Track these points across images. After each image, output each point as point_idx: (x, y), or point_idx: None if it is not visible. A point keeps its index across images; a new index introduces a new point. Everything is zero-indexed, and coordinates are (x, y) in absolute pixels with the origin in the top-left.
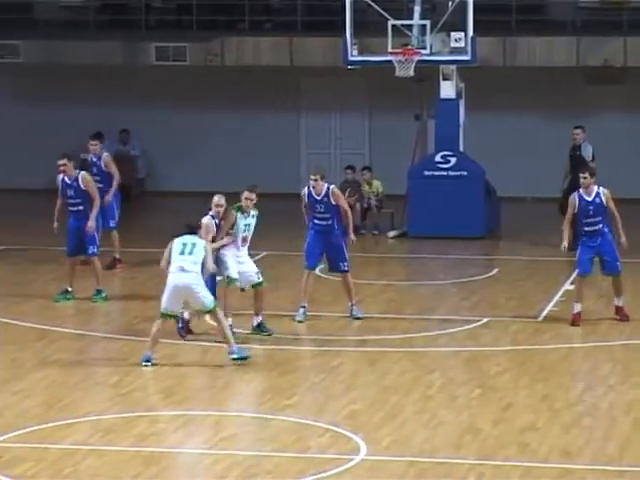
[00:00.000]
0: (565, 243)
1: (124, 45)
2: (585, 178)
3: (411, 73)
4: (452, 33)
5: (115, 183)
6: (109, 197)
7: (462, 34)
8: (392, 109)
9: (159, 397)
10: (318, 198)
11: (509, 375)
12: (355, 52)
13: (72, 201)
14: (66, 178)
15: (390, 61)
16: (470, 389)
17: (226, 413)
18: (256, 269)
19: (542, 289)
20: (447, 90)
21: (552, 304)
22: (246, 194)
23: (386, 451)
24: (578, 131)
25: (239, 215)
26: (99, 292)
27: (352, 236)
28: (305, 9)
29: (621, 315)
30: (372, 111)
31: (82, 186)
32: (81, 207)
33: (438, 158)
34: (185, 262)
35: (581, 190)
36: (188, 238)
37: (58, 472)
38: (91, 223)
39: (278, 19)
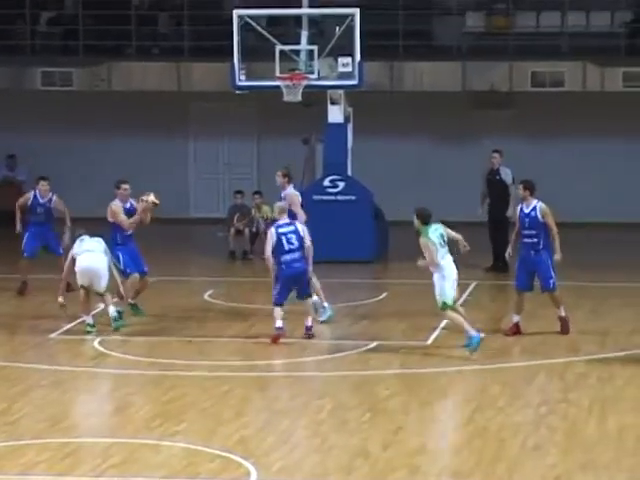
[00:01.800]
0: (509, 250)
1: (9, 70)
2: (521, 190)
3: (299, 98)
4: (339, 58)
5: None
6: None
7: (349, 59)
8: (281, 134)
9: (47, 424)
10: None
11: (399, 398)
12: (243, 77)
13: None
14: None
15: (278, 86)
16: (360, 413)
17: (115, 440)
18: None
19: (431, 313)
20: (335, 114)
21: (440, 327)
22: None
23: (277, 476)
24: (496, 155)
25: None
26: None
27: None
28: (192, 34)
29: (563, 329)
30: (261, 136)
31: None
32: None
33: (327, 182)
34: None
35: (523, 202)
36: None
37: None
38: None
39: (165, 44)
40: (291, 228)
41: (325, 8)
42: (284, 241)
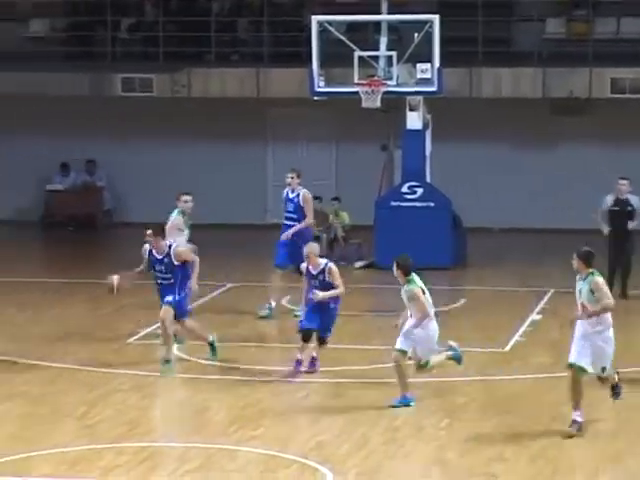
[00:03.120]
0: None
1: (90, 76)
2: None
3: (378, 104)
4: (418, 64)
5: None
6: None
7: (428, 65)
8: (359, 140)
9: (125, 429)
10: (290, 197)
11: (476, 405)
12: (322, 83)
13: None
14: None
15: (357, 92)
16: (438, 420)
17: (192, 444)
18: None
19: (508, 319)
20: (414, 121)
21: (519, 334)
22: (183, 197)
23: None
24: (624, 182)
25: (184, 219)
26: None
27: None
28: (271, 40)
29: None
30: (339, 142)
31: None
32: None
33: (405, 189)
34: None
35: None
36: None
37: None
38: None
39: (245, 50)
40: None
41: (404, 14)
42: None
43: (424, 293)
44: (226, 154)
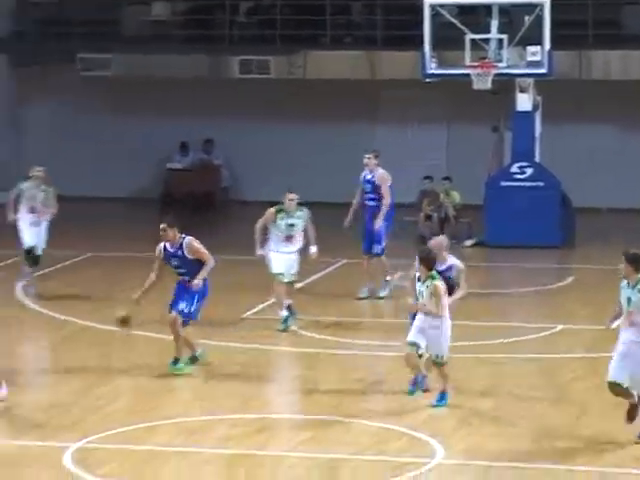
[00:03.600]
0: None
1: (209, 59)
2: None
3: (488, 86)
4: (528, 47)
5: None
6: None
7: (538, 48)
8: (470, 121)
9: (240, 401)
10: (368, 178)
11: (583, 382)
12: (434, 65)
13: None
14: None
15: (468, 74)
16: (545, 395)
17: (306, 417)
18: (293, 269)
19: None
20: (524, 103)
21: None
22: (288, 195)
23: (462, 455)
24: None
25: (280, 215)
26: None
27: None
28: (385, 24)
29: None
30: (450, 123)
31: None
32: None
33: (514, 169)
34: None
35: None
36: None
37: (141, 473)
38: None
39: (358, 34)
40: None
41: None
42: None
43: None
44: (338, 134)
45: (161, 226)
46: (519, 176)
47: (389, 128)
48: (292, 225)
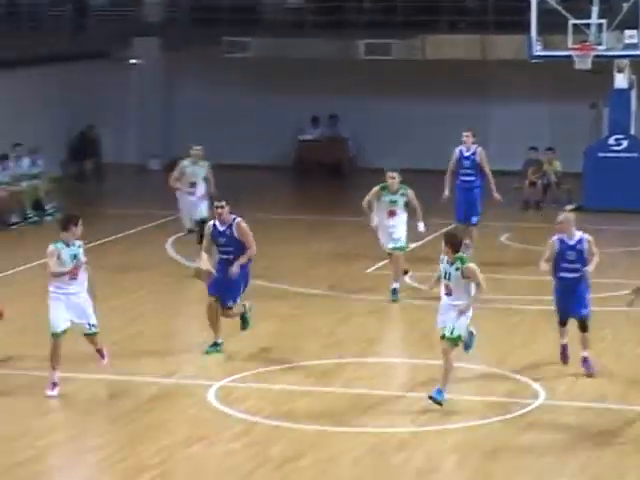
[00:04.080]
0: None
1: (338, 42)
2: None
3: (588, 66)
4: (626, 30)
5: None
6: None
7: (635, 31)
8: (570, 98)
9: (364, 346)
10: (466, 155)
11: None
12: (539, 48)
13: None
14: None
15: (570, 56)
16: (637, 345)
17: (420, 361)
18: (399, 236)
19: None
20: (621, 81)
21: None
22: (389, 174)
23: (562, 398)
24: None
25: (384, 192)
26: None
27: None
28: (495, 10)
29: None
30: (553, 100)
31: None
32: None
33: (611, 141)
34: None
35: None
36: None
37: (278, 409)
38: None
39: (471, 19)
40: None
41: None
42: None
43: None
44: (452, 110)
45: (221, 203)
46: (615, 147)
47: (499, 104)
48: (394, 202)
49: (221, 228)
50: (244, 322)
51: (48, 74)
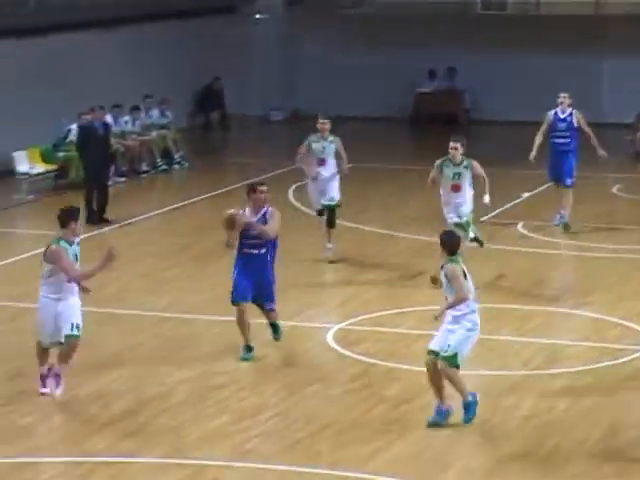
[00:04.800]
0: None
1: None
2: None
3: None
4: None
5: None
6: None
7: None
8: None
9: (477, 291)
10: (562, 117)
11: None
12: None
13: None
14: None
15: None
16: None
17: (533, 307)
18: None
19: None
20: None
21: None
22: (451, 145)
23: None
24: None
25: (446, 164)
26: None
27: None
28: None
29: None
30: None
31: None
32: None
33: None
34: None
35: None
36: None
37: (393, 351)
38: None
39: None
40: None
41: None
42: None
43: (465, 277)
44: (565, 64)
45: (264, 187)
46: None
47: (611, 58)
48: (458, 174)
49: (255, 216)
50: (275, 329)
51: (178, 29)
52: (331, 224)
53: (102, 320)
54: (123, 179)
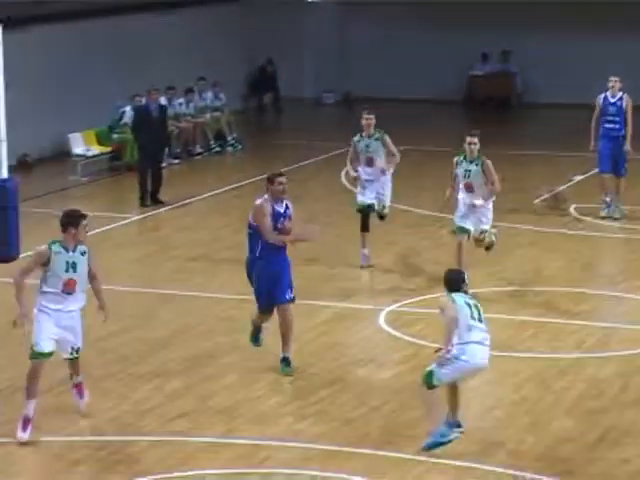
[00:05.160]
0: None
1: None
2: None
3: None
4: None
5: None
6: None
7: None
8: None
9: (528, 276)
10: (612, 101)
11: None
12: None
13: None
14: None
15: None
16: None
17: (585, 290)
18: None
19: None
20: None
21: None
22: (468, 139)
23: None
24: None
25: (460, 159)
26: None
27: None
28: None
29: None
30: None
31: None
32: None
33: None
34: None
35: None
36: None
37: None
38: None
39: None
40: None
41: None
42: None
43: (468, 308)
44: (611, 49)
45: (282, 179)
46: None
47: None
48: (469, 171)
49: (280, 209)
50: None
51: (231, 12)
52: (367, 228)
53: (157, 301)
54: (177, 161)
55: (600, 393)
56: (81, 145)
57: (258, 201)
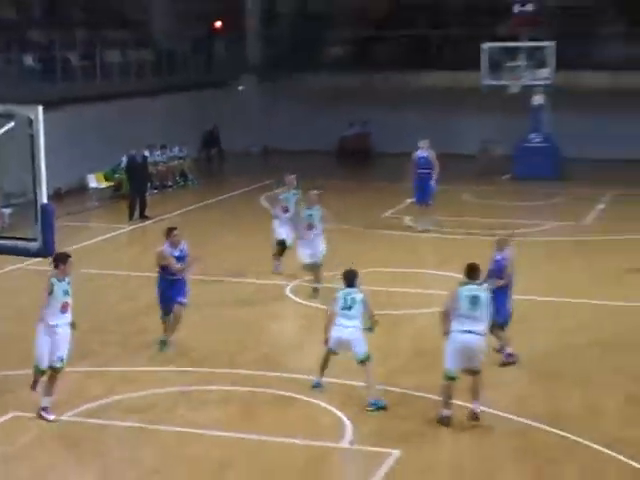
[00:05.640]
0: None
1: (360, 76)
2: None
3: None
4: (541, 69)
5: None
6: None
7: (546, 69)
8: None
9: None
10: (422, 155)
11: None
12: None
13: None
14: None
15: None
16: None
17: None
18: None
19: None
20: (538, 99)
21: None
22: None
23: None
24: None
25: (302, 205)
26: None
27: None
28: None
29: None
30: None
31: None
32: None
33: (532, 136)
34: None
35: None
36: None
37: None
38: None
39: None
40: None
41: None
42: None
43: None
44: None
45: (176, 231)
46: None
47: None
48: (310, 216)
49: (175, 252)
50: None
51: (191, 98)
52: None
53: (141, 281)
54: (156, 191)
55: None
56: (94, 181)
57: (159, 248)
